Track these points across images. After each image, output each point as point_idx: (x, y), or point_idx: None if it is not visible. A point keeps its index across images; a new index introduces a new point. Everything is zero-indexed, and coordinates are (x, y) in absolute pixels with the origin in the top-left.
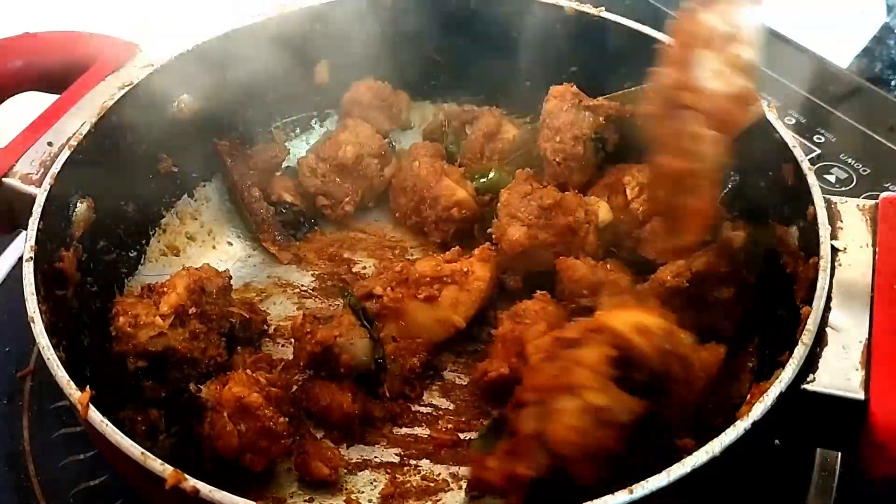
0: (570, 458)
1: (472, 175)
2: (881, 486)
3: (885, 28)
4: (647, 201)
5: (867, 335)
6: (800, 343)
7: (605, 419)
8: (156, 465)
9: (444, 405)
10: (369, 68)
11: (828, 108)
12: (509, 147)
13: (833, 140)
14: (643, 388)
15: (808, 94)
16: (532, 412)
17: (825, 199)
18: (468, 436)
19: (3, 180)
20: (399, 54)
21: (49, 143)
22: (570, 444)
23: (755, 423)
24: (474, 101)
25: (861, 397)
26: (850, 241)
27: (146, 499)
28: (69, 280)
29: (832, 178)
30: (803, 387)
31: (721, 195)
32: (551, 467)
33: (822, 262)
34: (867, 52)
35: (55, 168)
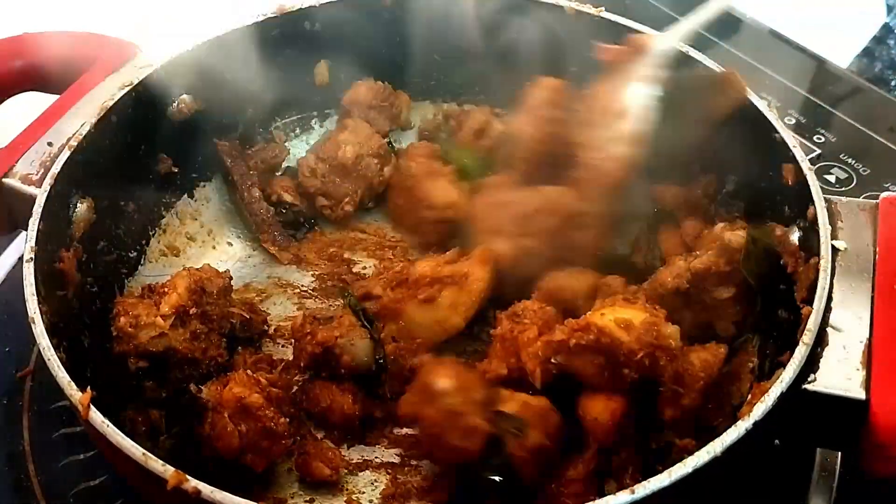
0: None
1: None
2: (881, 486)
3: (885, 28)
4: None
5: (868, 335)
6: (801, 343)
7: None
8: (157, 465)
9: None
10: (369, 68)
11: (828, 108)
12: (495, 143)
13: (833, 140)
14: (637, 387)
15: (808, 94)
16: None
17: (825, 198)
18: None
19: (3, 181)
20: (399, 54)
21: (49, 144)
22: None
23: (756, 423)
24: (474, 101)
25: (862, 397)
26: (850, 241)
27: (147, 499)
28: (69, 281)
29: (832, 178)
30: (804, 387)
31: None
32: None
33: (822, 263)
34: (867, 52)
35: (55, 168)
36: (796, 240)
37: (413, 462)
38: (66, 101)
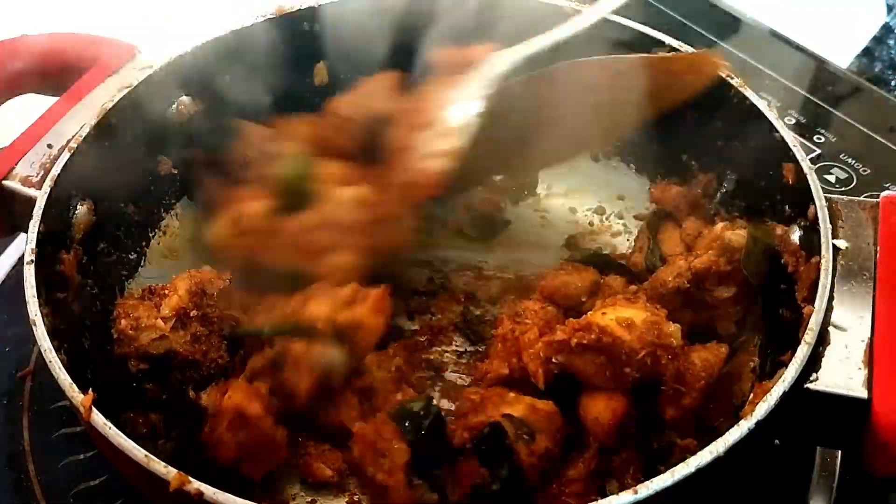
0: None
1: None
2: (881, 486)
3: (885, 28)
4: None
5: (869, 334)
6: (802, 342)
7: None
8: (159, 467)
9: (445, 406)
10: (369, 69)
11: (828, 108)
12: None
13: (833, 140)
14: (638, 387)
15: (808, 94)
16: None
17: (826, 198)
18: None
19: (3, 183)
20: (398, 55)
21: (49, 146)
22: None
23: (759, 423)
24: None
25: (864, 396)
26: (851, 240)
27: (148, 500)
28: (70, 282)
29: (832, 178)
30: (806, 386)
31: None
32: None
33: (823, 262)
34: (867, 52)
35: (55, 170)
36: (797, 239)
37: None
38: (65, 103)
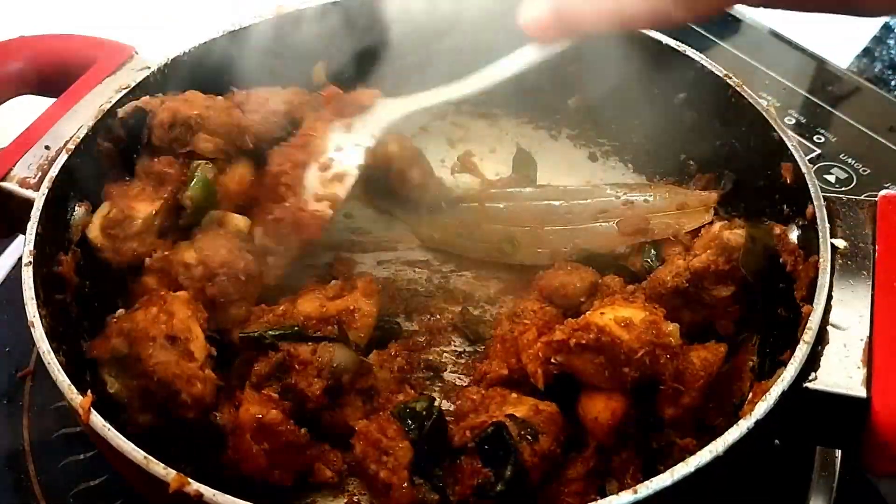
0: None
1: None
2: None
3: (885, 28)
4: None
5: (868, 333)
6: (801, 342)
7: None
8: (158, 468)
9: (445, 406)
10: (367, 69)
11: (828, 108)
12: None
13: (833, 140)
14: (637, 386)
15: (808, 94)
16: None
17: (824, 197)
18: None
19: (1, 184)
20: (397, 56)
21: (47, 147)
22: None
23: (758, 422)
24: (472, 102)
25: (863, 395)
26: (849, 240)
27: (148, 501)
28: (68, 284)
29: (832, 178)
30: (805, 385)
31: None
32: None
33: (822, 261)
34: (867, 52)
35: (53, 172)
36: (795, 238)
37: None
38: (63, 104)
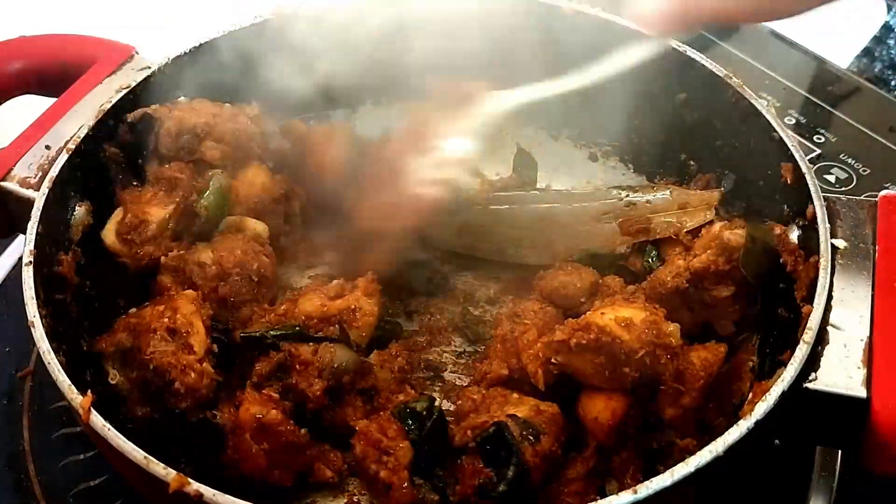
0: None
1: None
2: (881, 486)
3: (885, 28)
4: None
5: (868, 333)
6: (801, 342)
7: None
8: (158, 468)
9: (445, 407)
10: (367, 69)
11: (828, 108)
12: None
13: (833, 140)
14: (637, 387)
15: (808, 94)
16: None
17: (824, 197)
18: None
19: (1, 184)
20: (397, 56)
21: (47, 147)
22: None
23: (758, 422)
24: None
25: (863, 395)
26: (849, 240)
27: (148, 501)
28: (68, 284)
29: (832, 178)
30: (805, 385)
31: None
32: None
33: (822, 261)
34: (867, 52)
35: (53, 172)
36: (795, 238)
37: None
38: (63, 103)
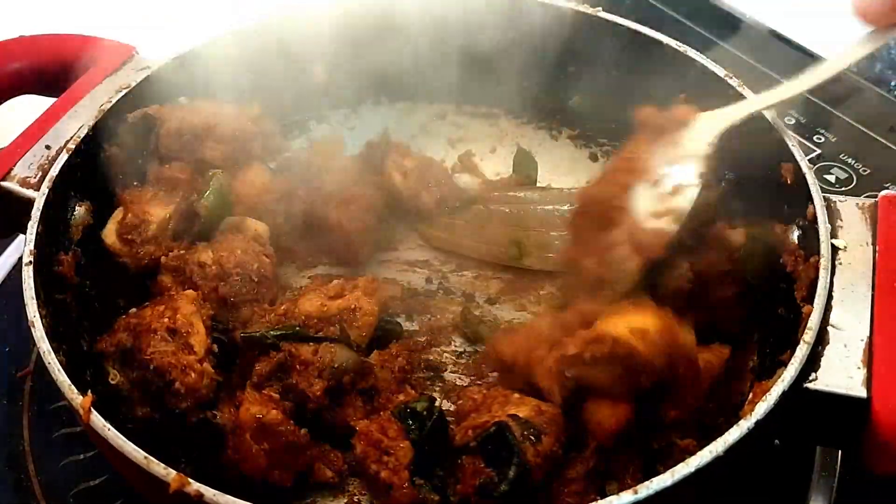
0: None
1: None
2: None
3: None
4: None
5: (868, 333)
6: (802, 342)
7: None
8: (159, 469)
9: (445, 407)
10: (368, 69)
11: (828, 108)
12: None
13: (833, 140)
14: (650, 392)
15: (808, 95)
16: None
17: (824, 197)
18: None
19: (1, 184)
20: (397, 56)
21: (47, 147)
22: None
23: (758, 422)
24: (472, 102)
25: (863, 395)
26: (850, 240)
27: (148, 501)
28: (68, 284)
29: (832, 178)
30: (805, 385)
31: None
32: None
33: (822, 261)
34: None
35: (53, 171)
36: (796, 238)
37: None
38: (63, 103)
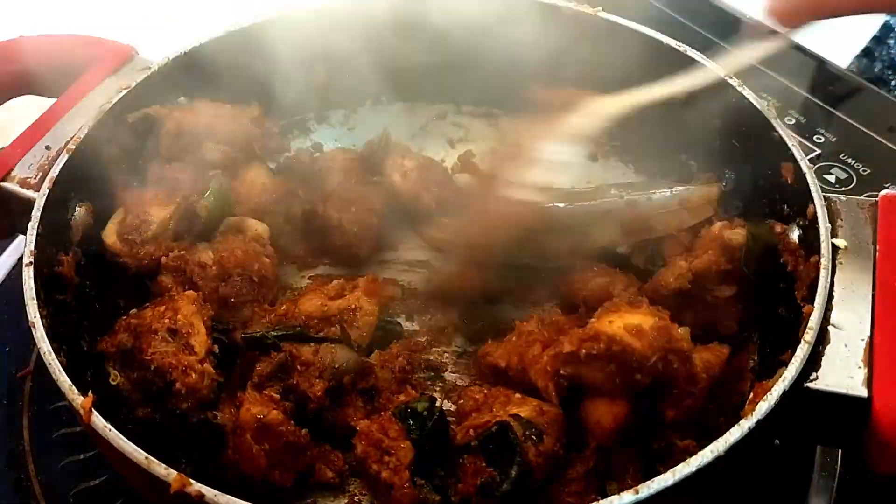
0: None
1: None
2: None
3: (885, 28)
4: None
5: (869, 333)
6: (802, 341)
7: None
8: (160, 469)
9: (446, 407)
10: (368, 69)
11: (828, 108)
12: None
13: (833, 140)
14: (643, 390)
15: (808, 94)
16: None
17: (825, 197)
18: None
19: (1, 185)
20: (398, 55)
21: (47, 147)
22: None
23: (759, 422)
24: (473, 102)
25: (864, 395)
26: (850, 239)
27: (148, 502)
28: (69, 284)
29: (832, 178)
30: (806, 385)
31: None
32: None
33: (822, 261)
34: (867, 52)
35: (53, 172)
36: (796, 238)
37: None
38: (63, 104)
